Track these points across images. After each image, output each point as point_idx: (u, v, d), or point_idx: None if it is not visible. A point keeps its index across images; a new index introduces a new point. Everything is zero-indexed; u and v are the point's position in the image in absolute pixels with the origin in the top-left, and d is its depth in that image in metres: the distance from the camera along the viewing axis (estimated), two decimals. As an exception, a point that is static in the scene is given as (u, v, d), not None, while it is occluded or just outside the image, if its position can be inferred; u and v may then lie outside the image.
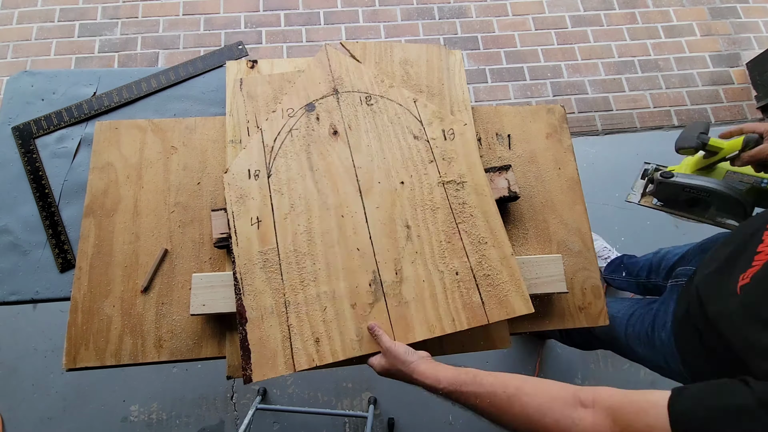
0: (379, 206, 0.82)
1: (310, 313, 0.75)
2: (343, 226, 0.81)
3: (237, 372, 0.78)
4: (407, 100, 0.92)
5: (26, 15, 2.06)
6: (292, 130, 0.88)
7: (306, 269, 0.78)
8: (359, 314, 0.76)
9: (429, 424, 1.49)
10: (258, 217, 0.81)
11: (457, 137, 0.88)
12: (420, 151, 0.87)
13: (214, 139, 0.94)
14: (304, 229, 0.80)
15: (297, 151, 0.86)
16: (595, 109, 2.02)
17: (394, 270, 0.78)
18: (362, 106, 0.90)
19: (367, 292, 0.77)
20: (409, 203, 0.83)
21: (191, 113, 1.01)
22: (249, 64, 0.98)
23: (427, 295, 0.77)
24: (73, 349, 0.80)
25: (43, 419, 1.46)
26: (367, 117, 0.90)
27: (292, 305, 0.76)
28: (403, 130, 0.89)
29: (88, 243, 0.86)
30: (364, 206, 0.82)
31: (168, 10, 2.09)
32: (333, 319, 0.75)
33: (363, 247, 0.79)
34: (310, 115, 0.89)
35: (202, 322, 0.82)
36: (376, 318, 0.76)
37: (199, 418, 1.48)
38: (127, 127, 0.94)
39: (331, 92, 0.91)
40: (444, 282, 0.78)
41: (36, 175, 0.95)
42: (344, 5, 2.14)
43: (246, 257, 0.78)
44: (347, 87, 0.92)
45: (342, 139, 0.87)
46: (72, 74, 1.06)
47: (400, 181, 0.84)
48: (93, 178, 0.90)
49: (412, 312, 0.76)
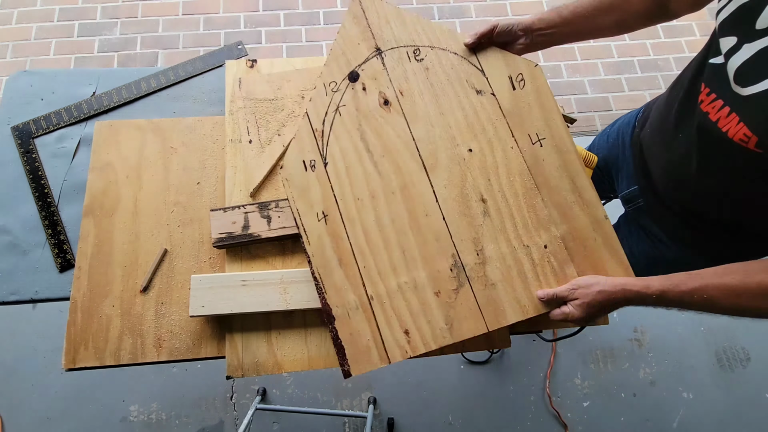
0: (449, 182, 0.75)
1: (395, 305, 0.72)
2: (412, 210, 0.75)
3: (237, 372, 0.78)
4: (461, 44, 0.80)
5: (25, 15, 2.06)
6: (339, 107, 0.79)
7: (383, 261, 0.73)
8: (445, 301, 0.71)
9: (429, 424, 1.49)
10: (324, 211, 0.76)
11: (528, 84, 0.77)
12: (486, 107, 0.77)
13: (213, 139, 0.94)
14: (372, 218, 0.75)
15: (349, 130, 0.78)
16: (594, 109, 2.03)
17: (474, 251, 0.72)
18: (411, 63, 0.80)
19: (449, 278, 0.72)
20: (481, 173, 0.74)
21: (191, 113, 1.01)
22: (249, 64, 0.98)
23: (515, 274, 0.71)
24: (73, 349, 0.80)
25: (42, 419, 1.46)
26: (418, 76, 0.79)
27: (375, 299, 0.72)
28: (463, 86, 0.78)
29: (88, 243, 0.85)
30: (431, 184, 0.75)
31: (167, 9, 2.09)
32: (419, 309, 0.71)
33: (438, 231, 0.73)
34: (354, 85, 0.80)
35: (201, 322, 0.82)
36: (462, 304, 0.71)
37: (198, 418, 1.48)
38: (127, 126, 0.94)
39: (373, 52, 0.81)
40: (532, 257, 0.71)
41: (35, 175, 0.95)
42: (344, 5, 2.14)
43: (320, 256, 0.75)
44: (390, 42, 0.81)
45: (395, 108, 0.78)
46: (71, 74, 1.06)
47: (467, 149, 0.76)
48: (92, 178, 0.90)
49: (501, 294, 0.71)
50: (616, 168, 0.93)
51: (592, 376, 1.58)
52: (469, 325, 0.71)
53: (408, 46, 0.81)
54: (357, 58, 0.81)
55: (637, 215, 0.89)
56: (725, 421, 1.52)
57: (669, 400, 1.55)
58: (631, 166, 0.87)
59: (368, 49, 0.81)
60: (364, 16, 0.83)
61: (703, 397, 1.55)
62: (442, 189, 0.75)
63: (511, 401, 1.53)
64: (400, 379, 1.54)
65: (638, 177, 0.84)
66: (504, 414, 1.51)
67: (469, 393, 1.53)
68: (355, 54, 0.81)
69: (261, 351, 0.80)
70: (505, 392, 1.54)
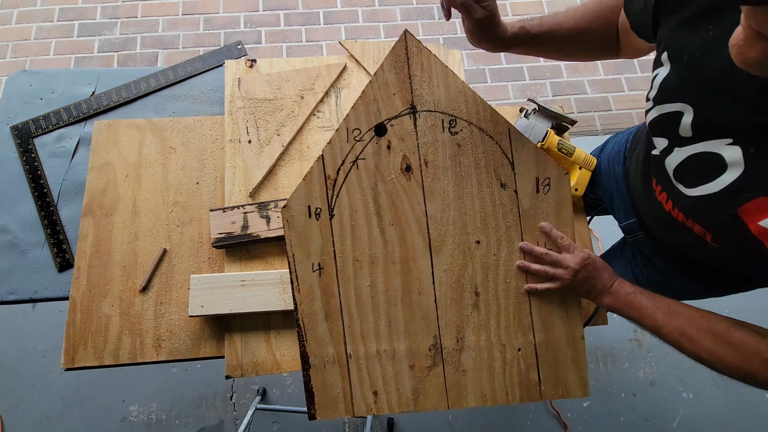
0: (449, 267, 0.75)
1: (370, 367, 0.75)
2: (408, 284, 0.75)
3: (236, 372, 0.78)
4: (501, 128, 0.74)
5: (25, 15, 2.06)
6: (358, 159, 0.74)
7: (368, 325, 0.75)
8: (416, 375, 0.75)
9: (428, 424, 1.49)
10: (320, 263, 0.75)
11: (552, 191, 0.74)
12: (505, 204, 0.74)
13: (213, 139, 0.94)
14: (368, 282, 0.75)
15: (363, 188, 0.74)
16: (594, 109, 2.02)
17: (455, 337, 0.75)
18: (444, 134, 0.74)
19: (426, 356, 0.75)
20: (482, 267, 0.75)
21: (190, 113, 1.01)
22: (248, 64, 0.98)
23: (485, 366, 0.75)
24: (72, 348, 0.80)
25: (42, 419, 1.46)
26: (447, 150, 0.74)
27: (353, 358, 0.75)
28: (489, 175, 0.74)
29: (87, 242, 0.85)
30: (432, 265, 0.75)
31: (167, 9, 2.09)
32: (391, 376, 0.75)
33: (427, 310, 0.75)
34: (380, 141, 0.74)
35: (201, 322, 0.82)
36: (431, 381, 0.75)
37: (198, 418, 1.48)
38: (126, 126, 0.94)
39: (407, 108, 0.74)
40: (505, 356, 0.75)
41: (35, 175, 0.95)
42: (344, 5, 2.14)
43: (308, 306, 0.75)
44: (428, 103, 0.74)
45: (415, 178, 0.74)
46: (71, 74, 1.06)
47: (476, 240, 0.75)
48: (92, 177, 0.90)
49: (468, 381, 0.75)
50: (610, 198, 0.91)
51: (592, 376, 1.58)
52: (433, 401, 0.75)
53: (445, 113, 0.74)
54: (389, 111, 0.74)
55: (640, 246, 0.88)
56: (725, 421, 1.52)
57: (669, 400, 1.55)
58: (626, 198, 0.85)
59: (403, 103, 0.74)
60: (407, 64, 0.74)
61: (703, 397, 1.55)
62: (441, 272, 0.75)
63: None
64: (400, 379, 1.54)
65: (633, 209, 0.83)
66: (504, 414, 1.51)
67: (469, 393, 1.52)
68: (387, 105, 0.74)
69: (260, 351, 0.80)
70: (505, 392, 1.54)
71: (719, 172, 0.51)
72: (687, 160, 0.55)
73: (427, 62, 0.74)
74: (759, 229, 0.48)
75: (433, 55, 0.74)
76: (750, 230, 0.49)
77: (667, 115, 0.56)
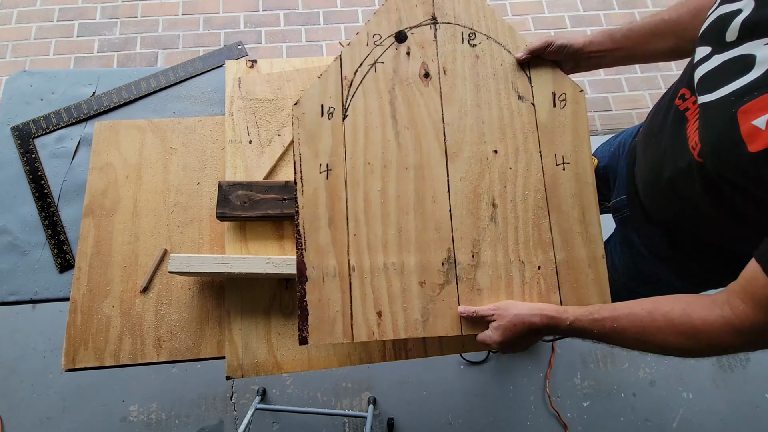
0: (465, 175, 0.72)
1: (375, 283, 0.69)
2: (421, 192, 0.71)
3: (236, 372, 0.78)
4: (519, 44, 0.77)
5: (25, 14, 2.06)
6: (377, 62, 0.74)
7: (376, 234, 0.70)
8: (427, 293, 0.69)
9: (428, 424, 1.49)
10: (328, 164, 0.71)
11: (569, 106, 0.75)
12: (522, 115, 0.74)
13: (213, 139, 0.94)
14: (378, 187, 0.71)
15: (380, 90, 0.73)
16: (594, 109, 2.03)
17: (471, 252, 0.70)
18: (463, 45, 0.76)
19: (438, 272, 0.70)
20: (500, 177, 0.72)
21: (191, 113, 1.01)
22: (248, 64, 0.98)
23: (503, 286, 0.70)
24: (72, 349, 0.80)
25: (42, 419, 1.46)
26: (467, 60, 0.75)
27: (356, 271, 0.69)
28: (507, 86, 0.75)
29: (88, 243, 0.85)
30: (448, 172, 0.72)
31: (167, 9, 2.09)
32: (399, 294, 0.69)
33: (440, 221, 0.71)
34: (399, 46, 0.75)
35: (201, 323, 0.82)
36: (443, 300, 0.69)
37: (198, 418, 1.48)
38: (127, 127, 0.94)
39: (428, 19, 0.76)
40: (523, 274, 0.70)
41: (35, 175, 0.95)
42: (344, 5, 2.14)
43: (311, 210, 0.70)
44: (449, 16, 0.76)
45: (434, 84, 0.74)
46: (71, 74, 1.06)
47: (493, 149, 0.73)
48: (92, 178, 0.90)
49: (484, 302, 0.69)
50: (613, 177, 0.92)
51: (592, 376, 1.58)
52: (444, 323, 0.69)
53: (465, 27, 0.76)
54: (410, 20, 0.76)
55: (622, 226, 0.88)
56: (725, 421, 1.52)
57: (669, 400, 1.55)
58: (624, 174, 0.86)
59: (425, 14, 0.76)
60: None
61: (702, 397, 1.55)
62: (457, 181, 0.72)
63: (511, 401, 1.53)
64: (400, 379, 1.54)
65: (628, 185, 0.83)
66: (504, 414, 1.51)
67: (469, 393, 1.53)
68: (409, 14, 0.76)
69: (261, 351, 0.80)
70: (505, 392, 1.54)
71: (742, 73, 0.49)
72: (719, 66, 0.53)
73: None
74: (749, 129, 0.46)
75: None
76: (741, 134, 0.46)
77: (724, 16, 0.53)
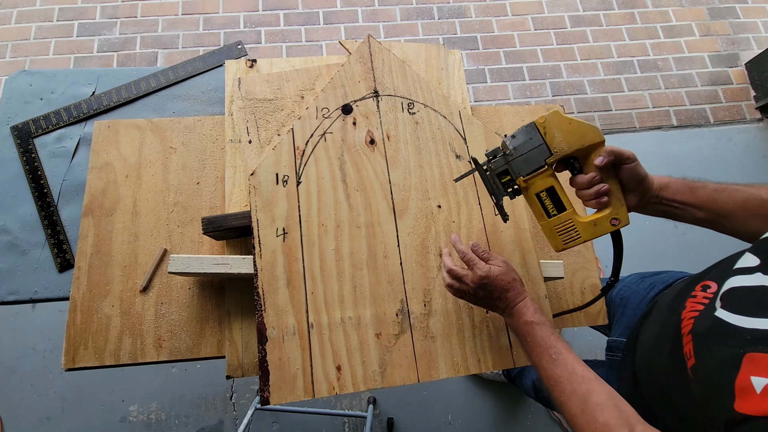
0: (413, 230, 0.78)
1: (333, 337, 0.72)
2: (373, 248, 0.76)
3: (236, 372, 0.78)
4: (452, 110, 0.85)
5: (25, 14, 2.06)
6: (326, 133, 0.81)
7: (332, 291, 0.73)
8: (383, 345, 0.72)
9: (428, 424, 1.49)
10: (284, 228, 0.75)
11: None
12: (461, 172, 0.80)
13: (213, 139, 0.94)
14: (333, 246, 0.75)
15: (330, 157, 0.80)
16: (594, 109, 2.03)
17: (423, 301, 0.75)
18: (403, 114, 0.84)
19: (393, 322, 0.73)
20: (444, 230, 0.78)
21: (190, 113, 1.01)
22: (248, 64, 0.98)
23: (454, 332, 0.74)
24: (72, 348, 0.80)
25: (42, 419, 1.46)
26: (407, 127, 0.83)
27: (315, 328, 0.72)
28: (446, 147, 0.83)
29: (87, 243, 0.85)
30: (397, 228, 0.78)
31: (167, 9, 2.09)
32: (356, 347, 0.72)
33: (393, 274, 0.75)
34: (346, 118, 0.83)
35: (201, 323, 0.82)
36: (399, 350, 0.72)
37: (198, 418, 1.48)
38: (126, 126, 0.94)
39: (371, 93, 0.85)
40: (473, 319, 0.75)
41: (35, 175, 0.95)
42: (344, 5, 2.14)
43: (270, 272, 0.73)
44: (389, 89, 0.85)
45: (379, 149, 0.82)
46: (71, 74, 1.06)
47: (437, 204, 0.80)
48: (92, 177, 0.90)
49: (438, 348, 0.73)
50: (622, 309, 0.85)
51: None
52: (402, 373, 0.72)
53: (404, 98, 0.85)
54: (354, 94, 0.84)
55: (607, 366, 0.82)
56: (724, 421, 1.52)
57: (668, 400, 1.55)
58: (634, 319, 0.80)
59: (367, 89, 0.85)
60: (370, 59, 0.87)
61: (702, 397, 1.55)
62: (405, 235, 0.78)
63: (511, 401, 1.53)
64: (400, 378, 1.54)
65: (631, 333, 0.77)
66: (504, 414, 1.51)
67: (469, 393, 1.53)
68: (353, 89, 0.85)
69: (261, 351, 0.80)
70: (505, 392, 1.54)
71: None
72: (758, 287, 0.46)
73: (387, 58, 0.88)
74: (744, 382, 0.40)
75: (391, 53, 0.88)
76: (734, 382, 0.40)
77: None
